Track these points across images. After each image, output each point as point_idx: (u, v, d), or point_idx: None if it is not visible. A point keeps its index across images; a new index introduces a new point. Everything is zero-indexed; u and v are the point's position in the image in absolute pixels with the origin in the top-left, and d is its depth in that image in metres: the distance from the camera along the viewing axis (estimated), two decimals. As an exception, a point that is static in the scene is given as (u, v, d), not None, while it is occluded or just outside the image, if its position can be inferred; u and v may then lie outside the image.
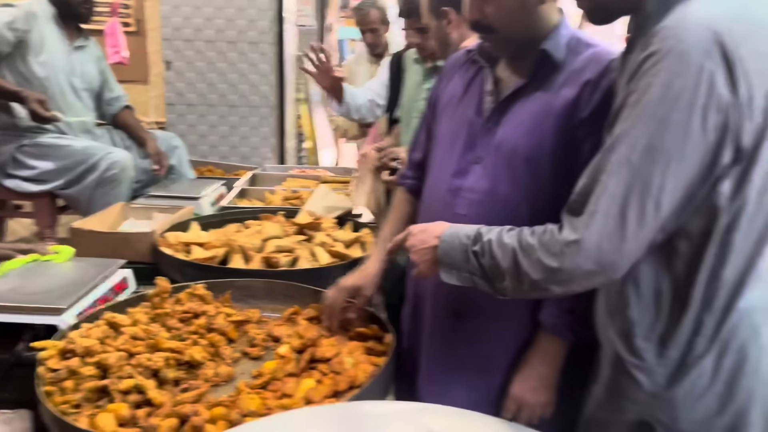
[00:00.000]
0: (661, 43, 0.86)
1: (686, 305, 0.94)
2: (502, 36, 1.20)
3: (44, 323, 1.37)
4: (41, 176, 2.39)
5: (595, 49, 1.19)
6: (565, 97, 1.16)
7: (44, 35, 2.46)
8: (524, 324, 1.25)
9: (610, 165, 0.90)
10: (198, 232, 1.97)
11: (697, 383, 0.95)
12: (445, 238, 1.09)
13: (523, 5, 1.17)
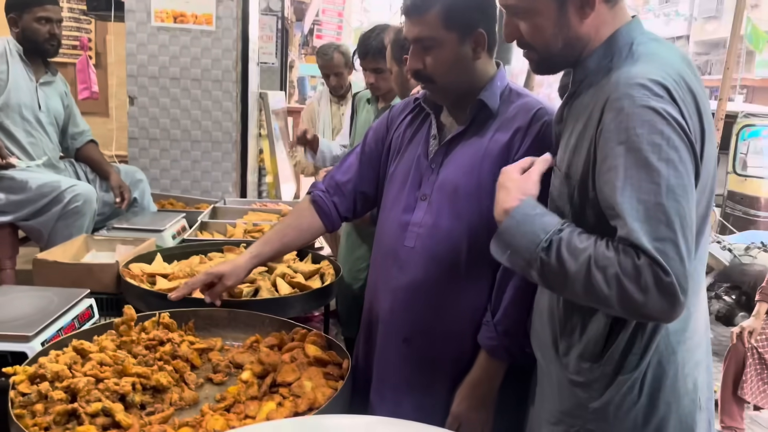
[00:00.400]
0: (620, 93, 0.97)
1: (625, 324, 1.03)
2: (440, 86, 1.35)
3: (11, 350, 1.42)
4: (3, 207, 2.41)
5: (524, 99, 1.36)
6: (499, 141, 1.31)
7: (10, 72, 2.51)
8: (468, 347, 1.36)
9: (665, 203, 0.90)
10: (162, 263, 2.03)
11: (627, 397, 1.05)
12: (516, 216, 1.04)
13: (458, 59, 1.33)
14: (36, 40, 2.54)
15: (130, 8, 3.17)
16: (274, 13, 6.39)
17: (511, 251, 1.03)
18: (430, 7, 1.28)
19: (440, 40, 1.30)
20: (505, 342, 1.29)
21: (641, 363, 1.04)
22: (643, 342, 1.03)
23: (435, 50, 1.30)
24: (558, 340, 1.12)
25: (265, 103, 3.96)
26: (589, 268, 0.92)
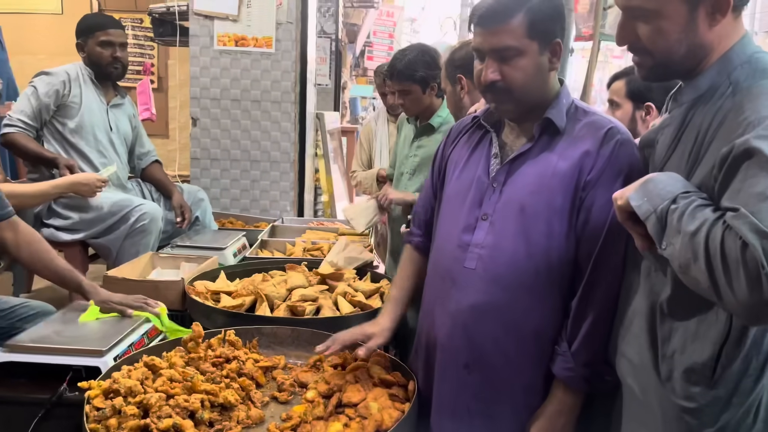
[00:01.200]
0: None
1: (741, 345, 0.97)
2: (517, 97, 1.31)
3: (86, 365, 1.46)
4: (75, 226, 2.51)
5: (592, 117, 1.32)
6: (568, 160, 1.27)
7: (83, 96, 2.62)
8: (532, 373, 1.31)
9: None
10: (225, 281, 2.06)
11: (742, 423, 0.99)
12: (669, 173, 1.01)
13: (538, 70, 1.30)
14: (100, 63, 2.66)
15: (194, 33, 3.27)
16: (328, 35, 6.51)
17: (648, 197, 0.97)
18: (513, 14, 1.25)
19: (523, 49, 1.26)
20: (584, 372, 1.24)
21: (757, 386, 0.98)
22: (759, 364, 0.97)
23: (516, 60, 1.27)
24: (659, 364, 1.06)
25: (322, 123, 4.01)
26: (710, 231, 0.86)
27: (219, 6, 3.20)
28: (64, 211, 2.51)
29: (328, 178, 4.16)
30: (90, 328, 1.62)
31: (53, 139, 2.59)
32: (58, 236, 2.51)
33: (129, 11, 5.52)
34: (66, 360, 1.46)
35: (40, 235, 2.32)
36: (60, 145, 2.59)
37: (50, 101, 2.53)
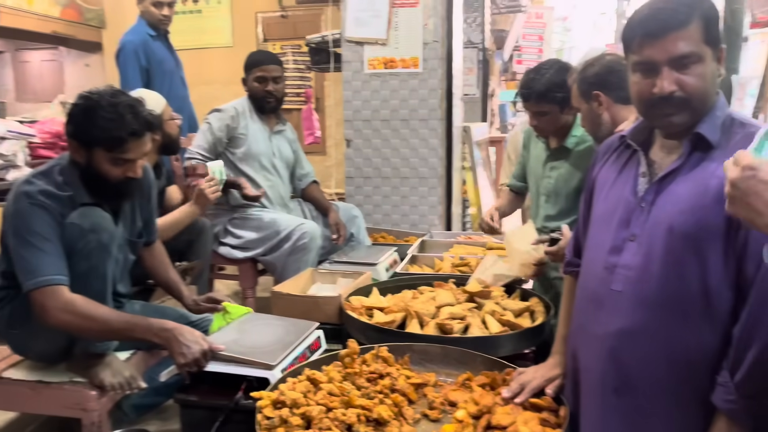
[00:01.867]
0: None
1: None
2: (693, 107, 1.24)
3: (257, 376, 1.62)
4: (246, 245, 2.79)
5: (750, 130, 1.21)
6: (721, 178, 1.17)
7: (249, 128, 2.90)
8: (685, 404, 1.23)
9: None
10: (378, 297, 2.16)
11: None
12: None
13: (713, 77, 1.23)
14: (256, 96, 2.92)
15: (347, 59, 3.47)
16: (475, 45, 6.52)
17: None
18: (690, 20, 1.19)
19: (702, 56, 1.20)
20: (749, 405, 1.14)
21: None
22: None
23: (694, 67, 1.20)
24: None
25: (468, 136, 4.04)
26: None
27: (369, 32, 3.37)
28: (237, 230, 2.80)
29: (475, 190, 4.17)
30: (259, 337, 1.80)
31: (225, 166, 2.90)
32: (233, 254, 2.81)
33: (289, 39, 5.98)
34: (242, 370, 1.63)
35: (217, 252, 2.63)
36: (231, 171, 2.89)
37: (222, 135, 2.85)
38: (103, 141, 1.72)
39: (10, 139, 2.79)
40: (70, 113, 1.77)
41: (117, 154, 1.74)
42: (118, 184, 1.79)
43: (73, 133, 1.76)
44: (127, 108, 1.73)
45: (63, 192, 1.74)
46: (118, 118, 1.71)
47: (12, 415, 2.06)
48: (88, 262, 1.71)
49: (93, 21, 6.45)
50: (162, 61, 3.48)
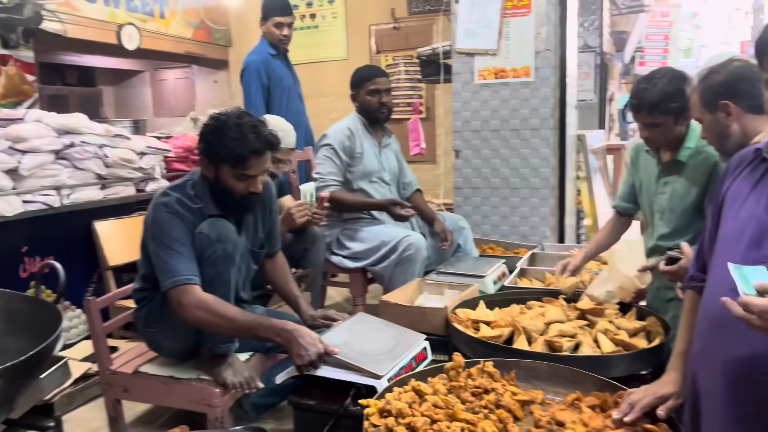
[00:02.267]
0: None
1: None
2: None
3: (365, 384, 1.68)
4: (356, 255, 2.89)
5: None
6: None
7: (363, 145, 2.99)
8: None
9: None
10: (485, 310, 2.15)
11: None
12: None
13: None
14: (369, 110, 3.00)
15: (457, 71, 3.49)
16: (592, 49, 6.29)
17: None
18: None
19: None
20: None
21: None
22: None
23: None
24: None
25: (583, 144, 3.91)
26: None
27: (480, 43, 3.37)
28: (348, 242, 2.91)
29: (591, 201, 4.03)
30: (369, 343, 1.86)
31: (343, 185, 2.99)
32: (345, 263, 2.92)
33: (401, 50, 6.10)
34: (352, 377, 1.70)
35: (330, 261, 2.74)
36: (347, 189, 2.98)
37: (346, 157, 2.94)
38: (229, 158, 1.88)
39: (149, 154, 3.08)
40: (202, 133, 1.94)
41: (240, 170, 1.89)
42: (241, 198, 1.94)
43: (203, 150, 1.94)
44: (250, 128, 1.87)
45: (194, 204, 1.91)
46: (242, 138, 1.85)
47: (147, 407, 2.27)
48: (214, 269, 1.86)
49: (221, 40, 6.95)
50: (281, 78, 3.68)
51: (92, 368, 2.38)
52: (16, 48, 4.72)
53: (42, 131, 2.57)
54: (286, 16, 3.68)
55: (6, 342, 1.80)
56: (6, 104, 4.67)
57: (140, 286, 2.04)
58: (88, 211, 2.75)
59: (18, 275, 2.41)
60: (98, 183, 2.84)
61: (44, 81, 7.20)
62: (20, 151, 2.48)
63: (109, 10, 5.52)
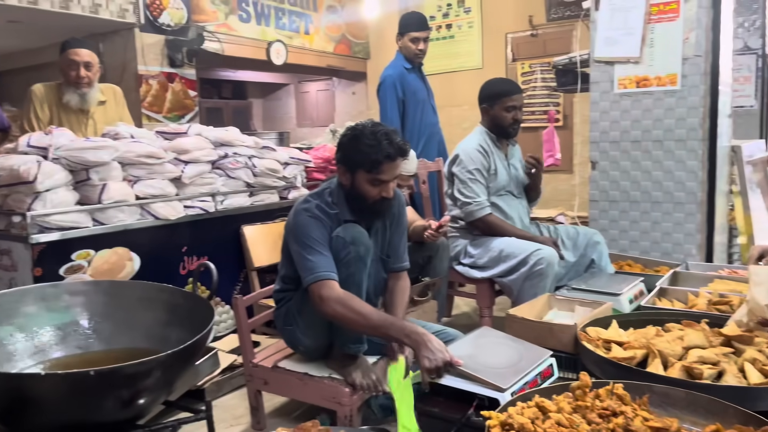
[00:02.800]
0: None
1: None
2: None
3: (488, 395, 1.69)
4: (484, 266, 2.88)
5: None
6: None
7: (495, 161, 2.98)
8: None
9: None
10: (617, 330, 2.07)
11: None
12: None
13: None
14: (502, 125, 2.96)
15: (595, 80, 3.38)
16: (753, 51, 5.76)
17: None
18: None
19: None
20: None
21: None
22: None
23: None
24: None
25: (738, 156, 3.60)
26: None
27: (620, 51, 3.23)
28: (476, 251, 2.92)
29: (746, 217, 3.69)
30: (493, 356, 1.86)
31: None
32: (471, 273, 2.93)
33: (538, 57, 5.99)
34: (475, 389, 1.72)
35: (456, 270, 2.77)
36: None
37: (487, 178, 2.95)
38: (364, 164, 2.01)
39: (292, 164, 3.31)
40: (339, 142, 2.08)
41: (374, 175, 2.01)
42: (374, 203, 2.05)
43: (340, 159, 2.08)
44: (384, 135, 2.00)
45: (331, 210, 2.06)
46: (376, 144, 1.98)
47: (283, 399, 2.44)
48: (347, 270, 1.99)
49: (360, 53, 7.25)
50: (415, 91, 3.78)
51: (237, 360, 2.60)
52: (181, 67, 5.27)
53: (202, 144, 2.87)
54: (423, 30, 3.77)
55: (168, 331, 2.03)
56: (171, 117, 5.24)
57: (280, 287, 2.21)
58: (237, 216, 3.01)
59: (179, 272, 2.70)
60: (247, 191, 3.10)
61: (203, 95, 7.97)
62: (183, 162, 2.78)
63: (260, 28, 5.98)
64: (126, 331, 2.12)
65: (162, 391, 1.85)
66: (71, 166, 2.41)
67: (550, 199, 4.26)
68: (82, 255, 2.39)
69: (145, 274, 2.54)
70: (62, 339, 2.07)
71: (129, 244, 2.54)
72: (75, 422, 1.70)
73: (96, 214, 2.46)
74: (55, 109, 3.03)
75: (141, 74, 4.97)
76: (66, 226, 2.35)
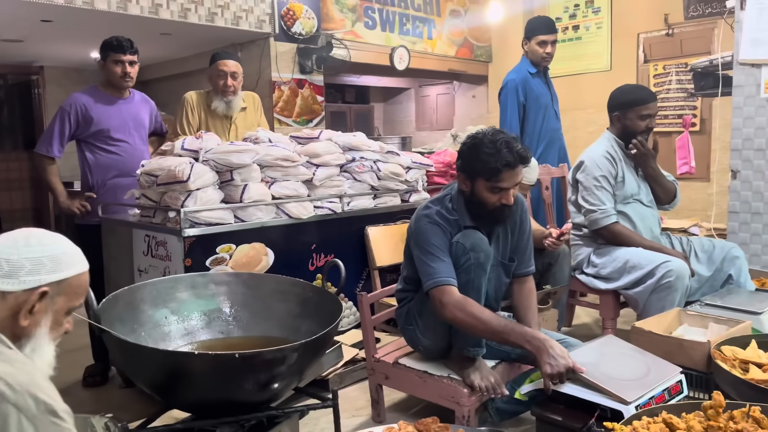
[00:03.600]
0: None
1: None
2: None
3: (611, 407, 1.67)
4: (609, 276, 2.79)
5: None
6: None
7: (623, 169, 2.84)
8: None
9: None
10: (757, 350, 1.95)
11: None
12: None
13: None
14: (634, 133, 2.80)
15: (738, 84, 3.16)
16: None
17: None
18: None
19: None
20: None
21: None
22: None
23: None
24: None
25: None
26: None
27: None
28: (600, 260, 2.84)
29: None
30: (618, 367, 1.83)
31: None
32: (595, 284, 2.85)
33: (674, 58, 5.65)
34: (598, 399, 1.70)
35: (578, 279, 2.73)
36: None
37: (614, 186, 2.83)
38: (483, 172, 2.04)
39: (414, 168, 3.40)
40: (460, 151, 2.13)
41: (494, 183, 2.03)
42: (493, 210, 2.07)
43: (460, 167, 2.12)
44: (504, 144, 2.02)
45: (451, 216, 2.11)
46: (495, 153, 2.01)
47: (403, 395, 2.53)
48: (467, 275, 2.03)
49: (481, 57, 7.23)
50: (538, 96, 3.73)
51: (359, 354, 2.72)
52: (310, 73, 5.57)
53: (332, 148, 3.03)
54: (551, 33, 3.72)
55: (299, 323, 2.19)
56: (300, 121, 5.54)
57: (402, 287, 2.29)
58: (362, 217, 3.15)
59: (308, 268, 2.87)
60: (371, 193, 3.23)
61: (328, 100, 8.32)
62: (315, 165, 2.96)
63: (385, 35, 6.16)
64: (261, 321, 2.31)
65: (294, 378, 2.00)
66: (218, 167, 2.65)
67: (683, 209, 4.01)
68: (225, 248, 2.62)
69: (278, 268, 2.73)
70: (207, 324, 2.30)
71: (265, 240, 2.74)
72: (217, 400, 1.89)
73: (237, 212, 2.69)
74: (204, 115, 3.33)
75: (274, 81, 5.30)
76: (212, 222, 2.59)
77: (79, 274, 1.21)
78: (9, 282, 1.10)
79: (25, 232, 1.19)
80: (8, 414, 0.98)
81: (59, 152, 2.98)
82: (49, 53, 6.30)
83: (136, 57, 3.01)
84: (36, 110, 7.23)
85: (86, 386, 2.89)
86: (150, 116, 3.21)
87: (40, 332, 1.14)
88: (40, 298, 1.12)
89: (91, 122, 2.96)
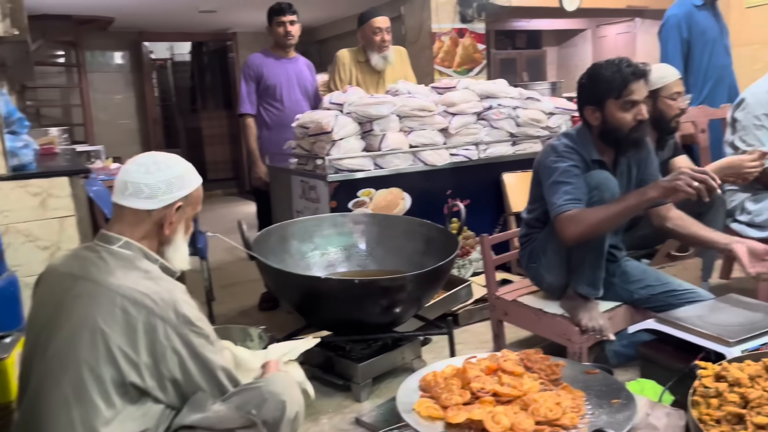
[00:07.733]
0: None
1: None
2: None
3: (715, 350, 1.65)
4: (763, 223, 2.58)
5: None
6: None
7: None
8: None
9: None
10: None
11: None
12: None
13: None
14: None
15: None
16: None
17: None
18: None
19: None
20: None
21: None
22: None
23: None
24: None
25: None
26: None
27: None
28: (755, 207, 2.62)
29: None
30: (730, 316, 1.78)
31: None
32: (747, 232, 2.63)
33: None
34: (699, 341, 1.69)
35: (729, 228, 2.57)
36: None
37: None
38: (611, 91, 2.05)
39: (557, 114, 3.34)
40: (579, 86, 2.16)
41: (625, 98, 2.04)
42: (631, 130, 2.07)
43: (585, 100, 2.14)
44: (620, 61, 2.05)
45: (579, 149, 2.12)
46: (617, 70, 2.03)
47: (525, 334, 2.63)
48: None
49: (663, -9, 6.60)
50: (704, 31, 3.41)
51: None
52: (471, 22, 5.58)
53: (468, 96, 3.11)
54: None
55: (424, 259, 2.40)
56: (461, 71, 5.61)
57: (524, 232, 2.37)
58: (499, 164, 3.20)
59: (442, 212, 3.02)
60: (509, 140, 3.26)
61: (497, 47, 8.19)
62: (451, 114, 3.08)
63: (548, -25, 5.91)
64: (393, 257, 2.56)
65: (412, 305, 2.23)
66: (359, 119, 2.90)
67: None
68: (366, 193, 2.89)
69: (414, 211, 2.94)
70: (347, 258, 2.61)
71: (402, 185, 2.96)
72: (348, 319, 2.19)
73: (377, 160, 2.93)
74: (355, 71, 3.60)
75: (434, 32, 5.42)
76: (354, 169, 2.87)
77: (198, 187, 1.48)
78: (151, 202, 1.40)
79: (149, 158, 1.43)
80: (156, 325, 1.29)
81: (252, 108, 3.50)
82: (240, 20, 7.07)
83: (295, 17, 3.45)
84: (231, 73, 8.13)
85: (261, 310, 3.40)
86: (312, 78, 3.62)
87: (178, 237, 1.46)
88: (176, 211, 1.43)
89: (262, 78, 3.45)
